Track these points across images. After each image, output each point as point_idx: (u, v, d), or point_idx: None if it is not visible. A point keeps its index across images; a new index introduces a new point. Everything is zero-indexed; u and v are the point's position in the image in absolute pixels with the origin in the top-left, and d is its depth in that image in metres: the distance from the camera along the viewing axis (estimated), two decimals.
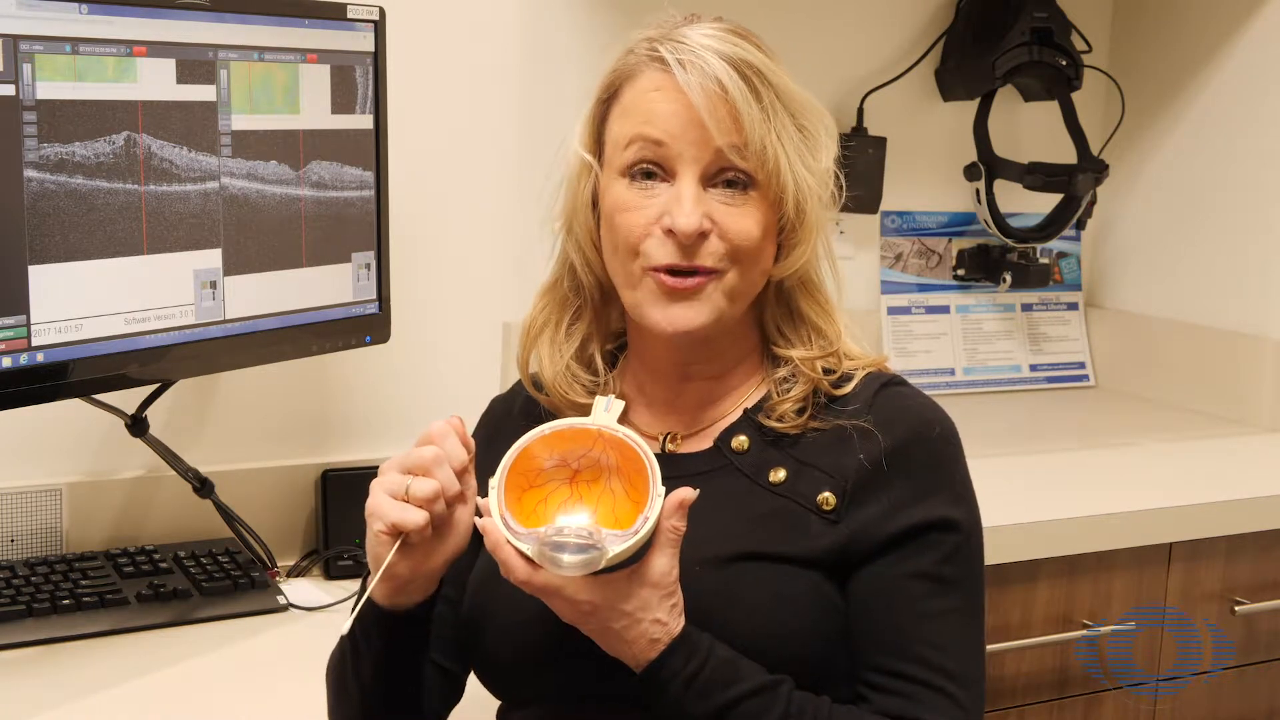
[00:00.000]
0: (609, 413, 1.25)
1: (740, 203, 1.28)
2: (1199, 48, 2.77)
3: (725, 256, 1.28)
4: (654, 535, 1.18)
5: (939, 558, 1.27)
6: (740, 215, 1.28)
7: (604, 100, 1.32)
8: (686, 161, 1.27)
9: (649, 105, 1.28)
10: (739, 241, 1.28)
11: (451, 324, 2.23)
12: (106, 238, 1.65)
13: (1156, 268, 2.88)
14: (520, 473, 1.22)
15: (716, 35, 1.28)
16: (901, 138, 2.68)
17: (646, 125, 1.27)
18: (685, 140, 1.26)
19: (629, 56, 1.31)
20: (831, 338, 1.35)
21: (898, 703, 1.25)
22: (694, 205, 1.26)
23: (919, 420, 1.32)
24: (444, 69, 2.21)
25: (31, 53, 1.56)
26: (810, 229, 1.31)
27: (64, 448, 1.95)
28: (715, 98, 1.25)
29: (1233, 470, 2.42)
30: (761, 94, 1.27)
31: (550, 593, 1.18)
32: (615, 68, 1.32)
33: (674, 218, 1.26)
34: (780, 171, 1.27)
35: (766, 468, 1.31)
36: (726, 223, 1.27)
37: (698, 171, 1.27)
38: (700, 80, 1.25)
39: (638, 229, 1.28)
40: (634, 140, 1.28)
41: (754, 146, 1.26)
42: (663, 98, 1.27)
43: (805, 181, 1.29)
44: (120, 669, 1.64)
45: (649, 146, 1.27)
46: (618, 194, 1.30)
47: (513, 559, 1.18)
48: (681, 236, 1.26)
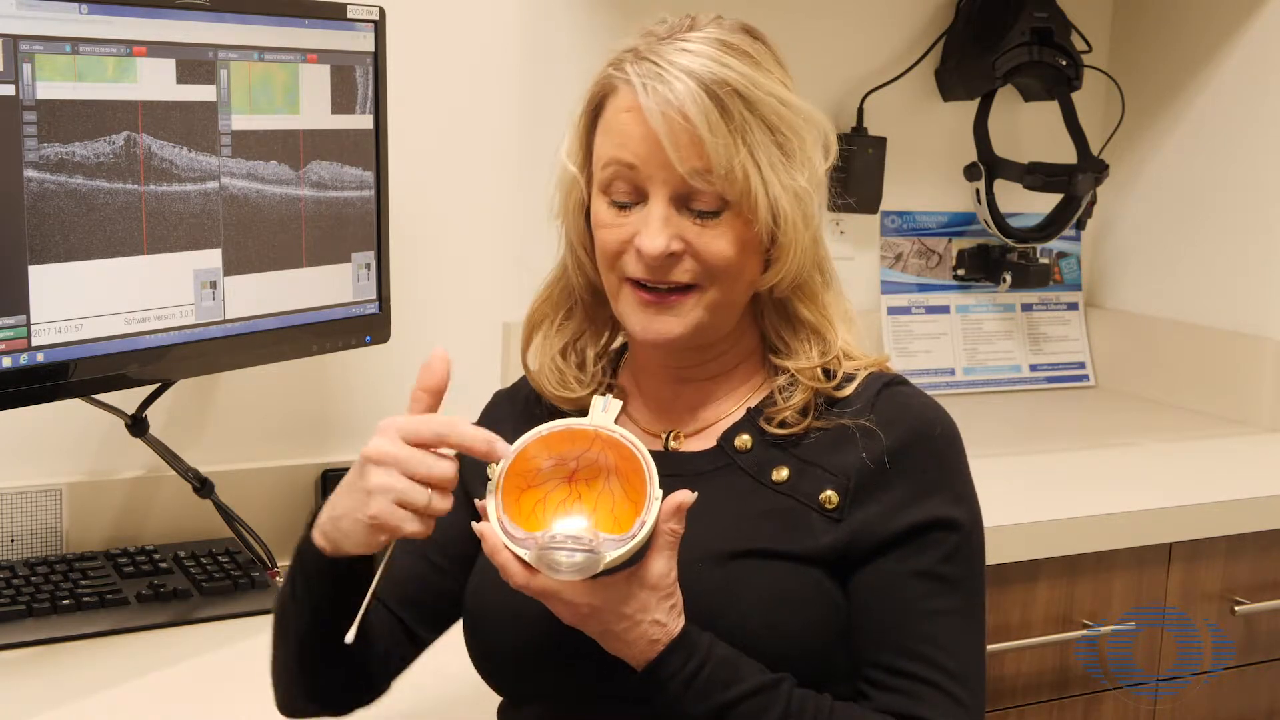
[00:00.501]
0: (606, 413, 1.25)
1: (712, 225, 1.27)
2: (1199, 48, 2.77)
3: (701, 274, 1.28)
4: (652, 538, 1.18)
5: (941, 557, 1.28)
6: (713, 237, 1.27)
7: (590, 111, 1.32)
8: (656, 184, 1.27)
9: (623, 126, 1.27)
10: (713, 262, 1.27)
11: (451, 324, 2.23)
12: (106, 238, 1.65)
13: (1156, 268, 2.88)
14: (518, 473, 1.22)
15: (697, 50, 1.26)
16: (901, 138, 2.68)
17: (620, 149, 1.27)
18: (654, 164, 1.26)
19: (607, 71, 1.30)
20: (831, 340, 1.35)
21: (899, 700, 1.26)
22: (660, 228, 1.26)
23: (921, 420, 1.32)
24: (444, 69, 2.21)
25: (31, 53, 1.56)
26: (788, 245, 1.29)
27: (64, 448, 1.95)
28: (675, 125, 1.24)
29: (1233, 470, 2.42)
30: (733, 113, 1.25)
31: (549, 596, 1.18)
32: (599, 79, 1.31)
33: (641, 240, 1.27)
34: (751, 191, 1.26)
35: (769, 467, 1.31)
36: (699, 244, 1.27)
37: (667, 194, 1.27)
38: (660, 107, 1.24)
39: (614, 245, 1.29)
40: (610, 162, 1.29)
41: (720, 170, 1.24)
42: (633, 119, 1.26)
43: (779, 200, 1.27)
44: (120, 669, 1.64)
45: (623, 169, 1.28)
46: (599, 210, 1.31)
47: (511, 564, 1.18)
48: (648, 259, 1.26)
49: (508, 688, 1.38)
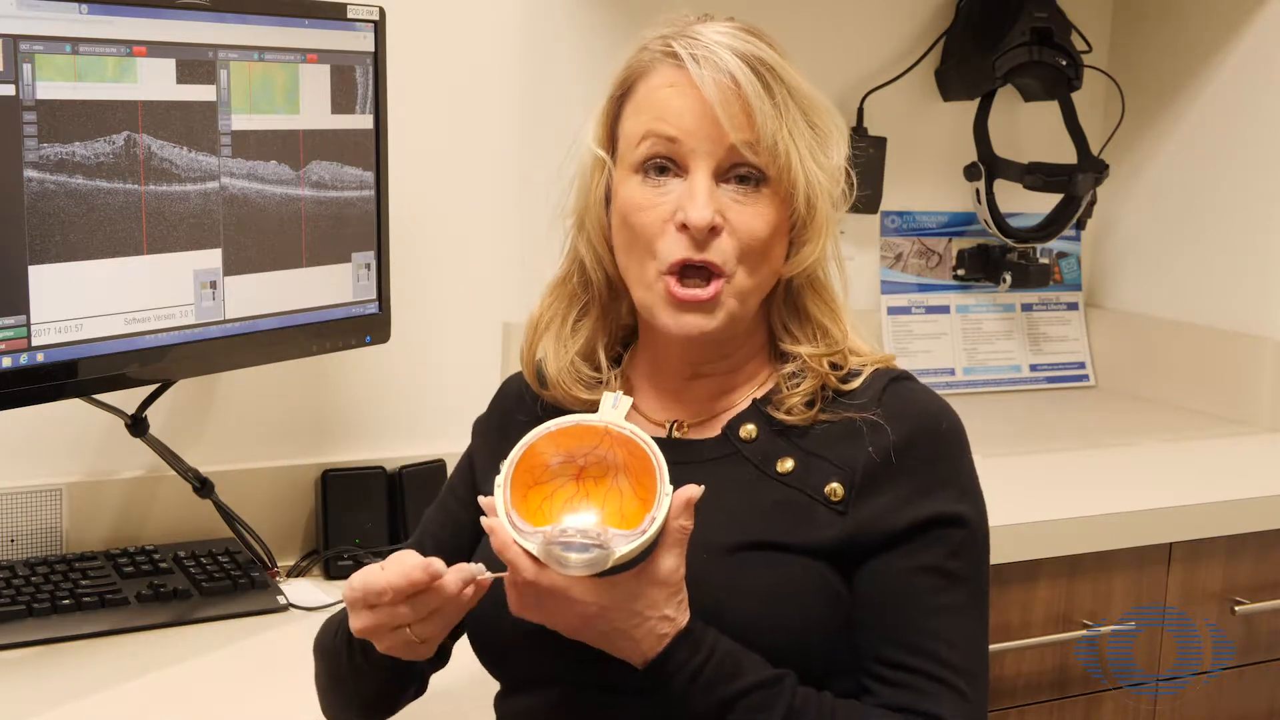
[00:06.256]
0: (616, 409, 1.25)
1: (752, 200, 1.28)
2: (1199, 48, 2.77)
3: (733, 256, 1.28)
4: (661, 534, 1.18)
5: (946, 552, 1.28)
6: (751, 214, 1.28)
7: (617, 97, 1.33)
8: (700, 157, 1.27)
9: (663, 101, 1.29)
10: (747, 240, 1.28)
11: (451, 324, 2.23)
12: (106, 238, 1.65)
13: (1156, 268, 2.88)
14: (526, 470, 1.22)
15: (730, 33, 1.29)
16: (901, 138, 2.68)
17: (660, 122, 1.28)
18: (699, 136, 1.27)
19: (642, 53, 1.32)
20: (837, 336, 1.35)
21: (904, 695, 1.26)
22: (707, 199, 1.27)
23: (927, 415, 1.32)
24: (444, 69, 2.21)
25: (31, 53, 1.56)
26: (820, 226, 1.32)
27: (64, 448, 1.95)
28: (729, 93, 1.26)
29: (1233, 470, 2.42)
30: (774, 90, 1.28)
31: (557, 594, 1.18)
32: (629, 64, 1.33)
33: (687, 212, 1.27)
34: (792, 167, 1.28)
35: (774, 457, 1.32)
36: (737, 221, 1.28)
37: (711, 166, 1.28)
38: (714, 75, 1.26)
39: (652, 227, 1.29)
40: (647, 136, 1.29)
41: (766, 142, 1.27)
42: (676, 94, 1.28)
43: (816, 178, 1.30)
44: (120, 669, 1.64)
45: (662, 143, 1.28)
46: (631, 192, 1.30)
47: (520, 559, 1.18)
48: (694, 230, 1.26)
49: (505, 674, 1.38)
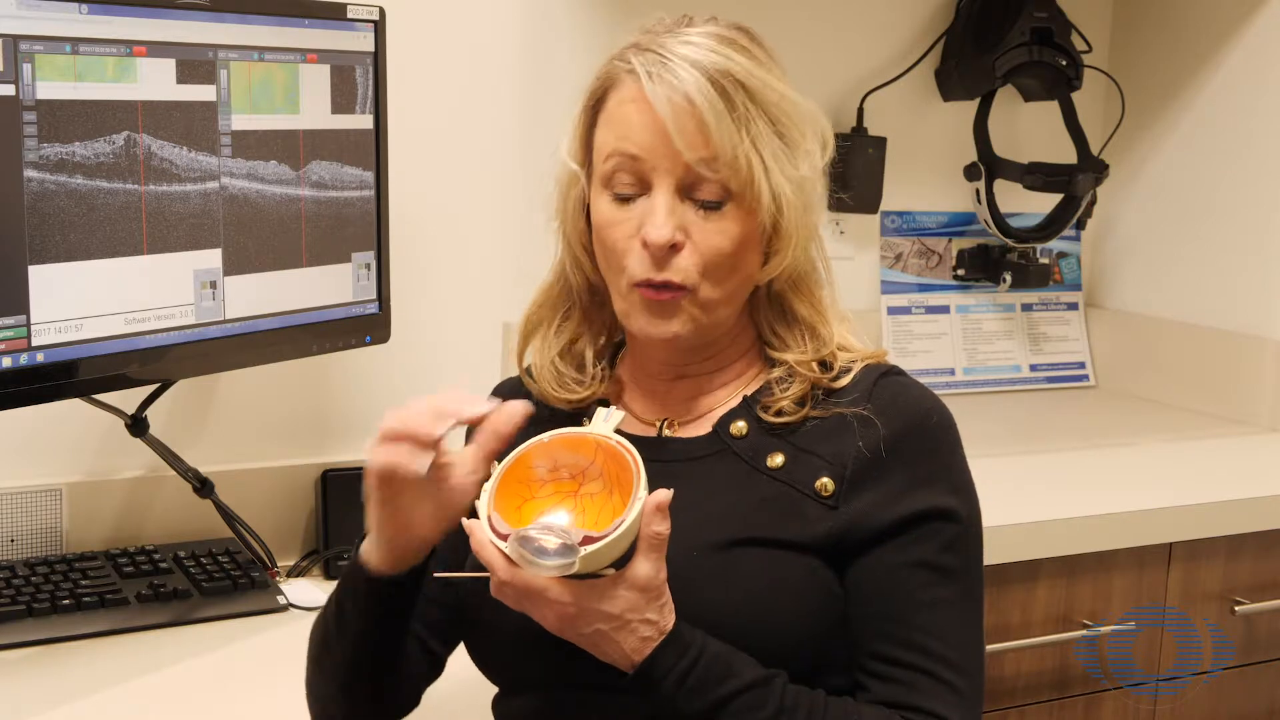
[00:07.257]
0: (607, 423, 1.26)
1: (715, 216, 1.28)
2: (1199, 48, 2.77)
3: (695, 271, 1.28)
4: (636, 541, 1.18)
5: (939, 547, 1.28)
6: (714, 230, 1.28)
7: (590, 107, 1.33)
8: (661, 174, 1.28)
9: (625, 117, 1.29)
10: (710, 256, 1.28)
11: (451, 324, 2.23)
12: (106, 238, 1.65)
13: (1156, 268, 2.88)
14: (515, 479, 1.23)
15: (698, 43, 1.28)
16: (901, 138, 2.68)
17: (623, 140, 1.28)
18: (658, 153, 1.27)
19: (611, 64, 1.32)
20: (826, 336, 1.35)
21: (897, 691, 1.25)
22: (666, 217, 1.27)
23: (917, 409, 1.32)
24: (444, 69, 2.21)
25: (31, 53, 1.56)
26: (788, 237, 1.31)
27: (64, 448, 1.95)
28: (682, 111, 1.25)
29: (1233, 470, 2.42)
30: (736, 103, 1.26)
31: (533, 594, 1.18)
32: (599, 74, 1.33)
33: (646, 230, 1.27)
34: (755, 181, 1.27)
35: (765, 453, 1.32)
36: (699, 237, 1.28)
37: (672, 184, 1.28)
38: (667, 94, 1.25)
39: (621, 242, 1.30)
40: (612, 154, 1.30)
41: (724, 159, 1.26)
42: (636, 110, 1.28)
43: (783, 189, 1.29)
44: (120, 669, 1.64)
45: (626, 160, 1.29)
46: (601, 207, 1.31)
47: (495, 559, 1.18)
48: (653, 248, 1.27)
49: (502, 676, 1.38)
